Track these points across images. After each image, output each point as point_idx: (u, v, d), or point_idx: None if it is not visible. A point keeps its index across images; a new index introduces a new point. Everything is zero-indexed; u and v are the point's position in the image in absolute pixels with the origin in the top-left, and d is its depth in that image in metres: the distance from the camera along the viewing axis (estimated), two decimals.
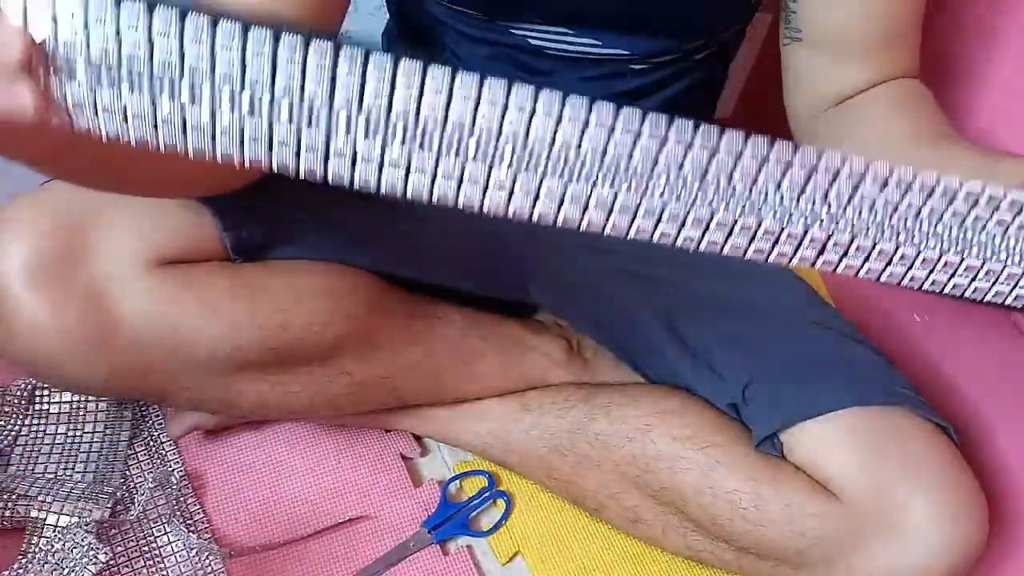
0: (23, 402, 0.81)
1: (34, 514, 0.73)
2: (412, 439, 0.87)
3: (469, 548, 0.81)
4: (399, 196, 0.36)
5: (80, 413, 0.82)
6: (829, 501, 0.67)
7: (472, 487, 0.85)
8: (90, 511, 0.74)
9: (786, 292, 0.78)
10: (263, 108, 0.33)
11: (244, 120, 0.34)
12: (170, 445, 0.82)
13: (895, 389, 0.70)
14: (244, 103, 0.33)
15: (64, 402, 0.82)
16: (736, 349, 0.74)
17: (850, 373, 0.71)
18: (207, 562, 0.76)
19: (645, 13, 0.70)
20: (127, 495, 0.79)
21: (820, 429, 0.68)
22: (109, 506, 0.75)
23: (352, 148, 0.34)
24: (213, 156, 0.34)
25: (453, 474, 0.86)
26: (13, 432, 0.80)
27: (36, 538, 0.73)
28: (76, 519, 0.73)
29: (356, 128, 0.34)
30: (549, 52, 0.72)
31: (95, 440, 0.81)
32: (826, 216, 0.37)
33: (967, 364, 0.79)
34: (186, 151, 0.34)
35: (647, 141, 0.36)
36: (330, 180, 0.35)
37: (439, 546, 0.80)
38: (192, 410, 0.80)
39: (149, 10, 0.32)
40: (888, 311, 0.90)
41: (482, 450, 0.84)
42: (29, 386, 0.82)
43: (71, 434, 0.81)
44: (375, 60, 0.33)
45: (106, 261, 0.62)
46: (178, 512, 0.79)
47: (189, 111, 0.34)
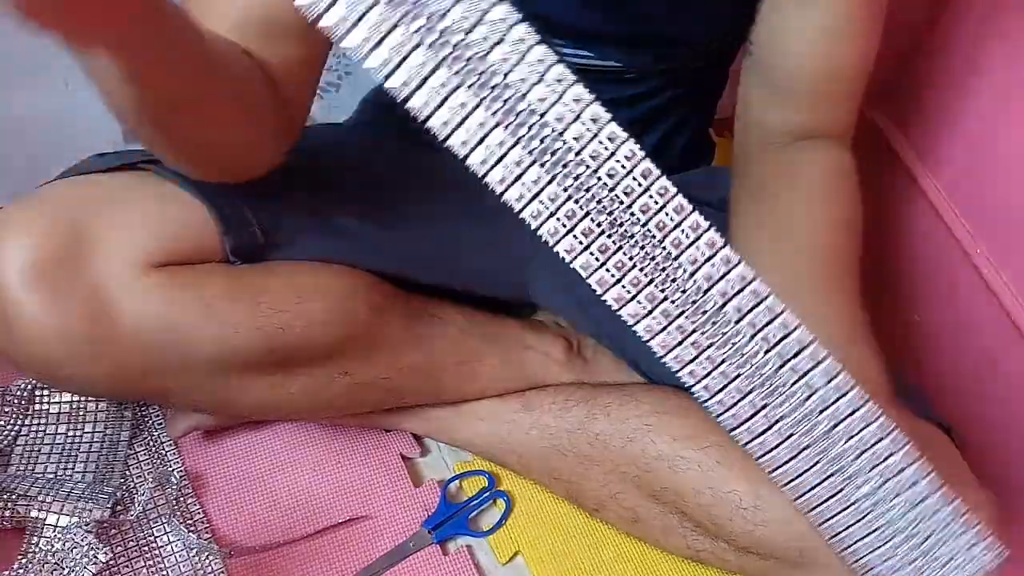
0: (23, 402, 0.81)
1: (34, 514, 0.73)
2: (412, 439, 0.87)
3: (469, 548, 0.81)
4: None
5: (80, 413, 0.82)
6: None
7: (472, 487, 0.85)
8: (90, 511, 0.74)
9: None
10: None
11: None
12: (170, 445, 0.82)
13: (896, 389, 0.70)
14: None
15: (64, 402, 0.82)
16: None
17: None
18: (207, 562, 0.76)
19: (638, 33, 0.70)
20: (127, 495, 0.79)
21: None
22: (109, 506, 0.75)
23: None
24: None
25: (453, 474, 0.86)
26: (13, 432, 0.80)
27: (36, 538, 0.73)
28: (76, 519, 0.73)
29: None
30: None
31: (95, 440, 0.81)
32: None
33: (967, 364, 0.79)
34: None
35: None
36: None
37: (439, 546, 0.80)
38: (192, 411, 0.80)
39: None
40: (888, 311, 0.90)
41: (482, 450, 0.84)
42: (29, 386, 0.82)
43: (71, 434, 0.81)
44: None
45: (106, 262, 0.62)
46: (178, 512, 0.79)
47: None
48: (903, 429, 0.51)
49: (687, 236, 0.37)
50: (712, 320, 0.37)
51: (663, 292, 0.37)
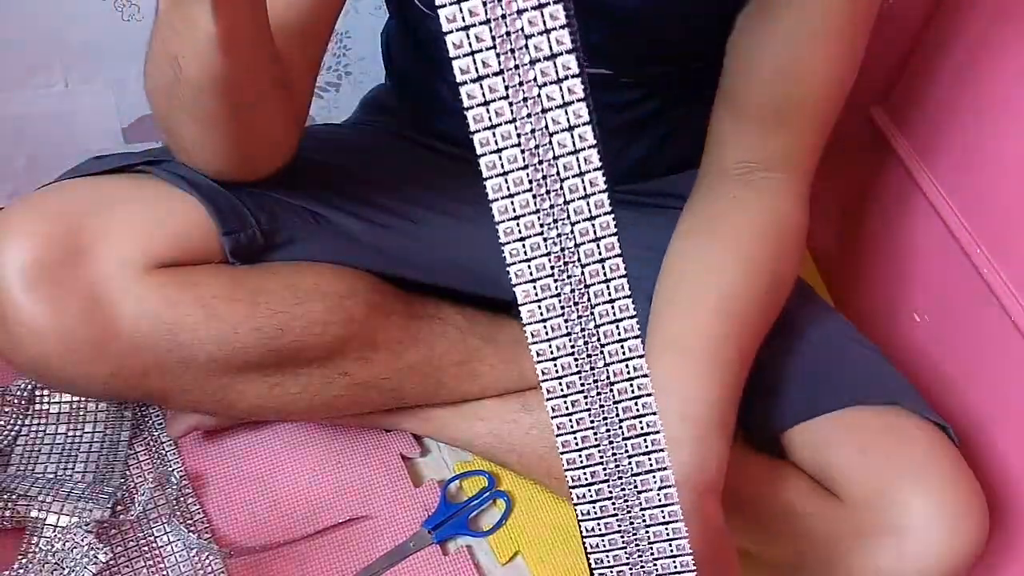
0: (23, 402, 0.81)
1: (34, 514, 0.73)
2: (412, 439, 0.87)
3: (469, 548, 0.81)
4: None
5: (80, 413, 0.82)
6: (829, 501, 0.67)
7: (472, 487, 0.85)
8: (90, 511, 0.74)
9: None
10: None
11: None
12: (170, 445, 0.82)
13: (895, 389, 0.70)
14: None
15: (64, 402, 0.82)
16: None
17: (850, 373, 0.71)
18: (207, 562, 0.76)
19: (629, 43, 0.70)
20: (127, 495, 0.79)
21: (820, 429, 0.68)
22: (109, 506, 0.75)
23: None
24: None
25: (453, 474, 0.86)
26: (13, 432, 0.80)
27: (36, 538, 0.73)
28: (76, 519, 0.73)
29: None
30: None
31: (95, 440, 0.81)
32: None
33: (967, 364, 0.79)
34: None
35: None
36: None
37: (439, 546, 0.80)
38: (192, 411, 0.80)
39: None
40: (888, 311, 0.90)
41: (482, 450, 0.84)
42: (29, 386, 0.82)
43: (71, 434, 0.81)
44: None
45: (105, 263, 0.62)
46: (178, 512, 0.79)
47: None
48: (704, 533, 0.53)
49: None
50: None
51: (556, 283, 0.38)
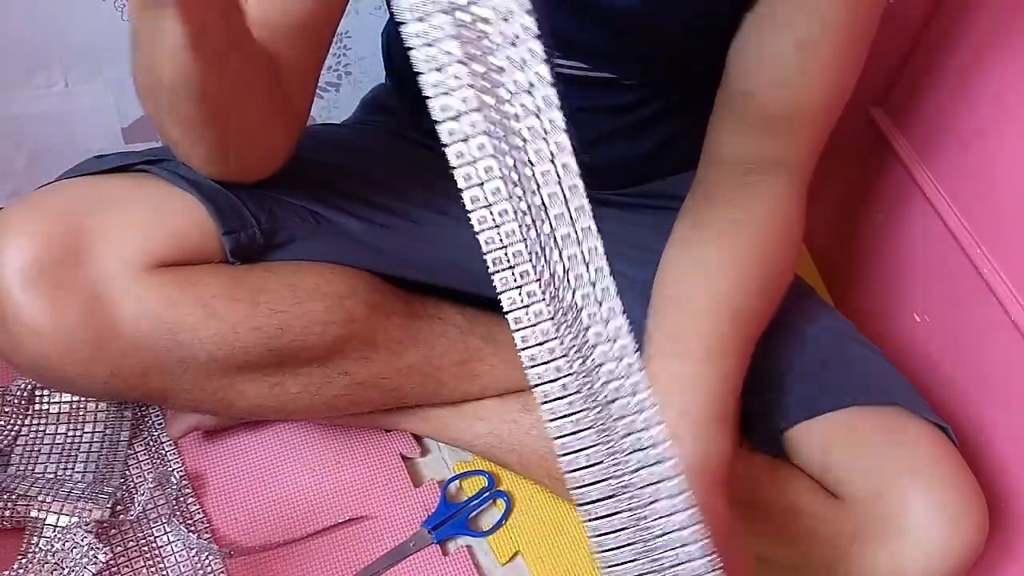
0: (23, 402, 0.81)
1: (34, 514, 0.73)
2: (412, 439, 0.87)
3: (469, 548, 0.81)
4: None
5: (80, 413, 0.82)
6: (830, 501, 0.67)
7: (472, 487, 0.85)
8: (90, 511, 0.74)
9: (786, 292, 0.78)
10: None
11: None
12: (170, 445, 0.82)
13: (895, 389, 0.70)
14: None
15: (64, 402, 0.82)
16: None
17: (850, 373, 0.71)
18: (207, 562, 0.76)
19: (630, 47, 0.70)
20: (127, 495, 0.79)
21: (821, 430, 0.68)
22: (109, 506, 0.75)
23: None
24: None
25: (453, 474, 0.86)
26: (13, 432, 0.80)
27: (36, 538, 0.73)
28: (76, 519, 0.73)
29: None
30: None
31: (95, 440, 0.81)
32: None
33: (967, 364, 0.79)
34: None
35: None
36: None
37: (439, 546, 0.80)
38: (191, 411, 0.80)
39: None
40: (888, 311, 0.90)
41: (482, 450, 0.84)
42: (29, 386, 0.82)
43: (71, 434, 0.81)
44: None
45: (105, 263, 0.62)
46: (178, 512, 0.79)
47: None
48: (715, 521, 0.51)
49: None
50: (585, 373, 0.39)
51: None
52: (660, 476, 0.39)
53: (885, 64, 0.89)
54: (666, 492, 0.39)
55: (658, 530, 0.40)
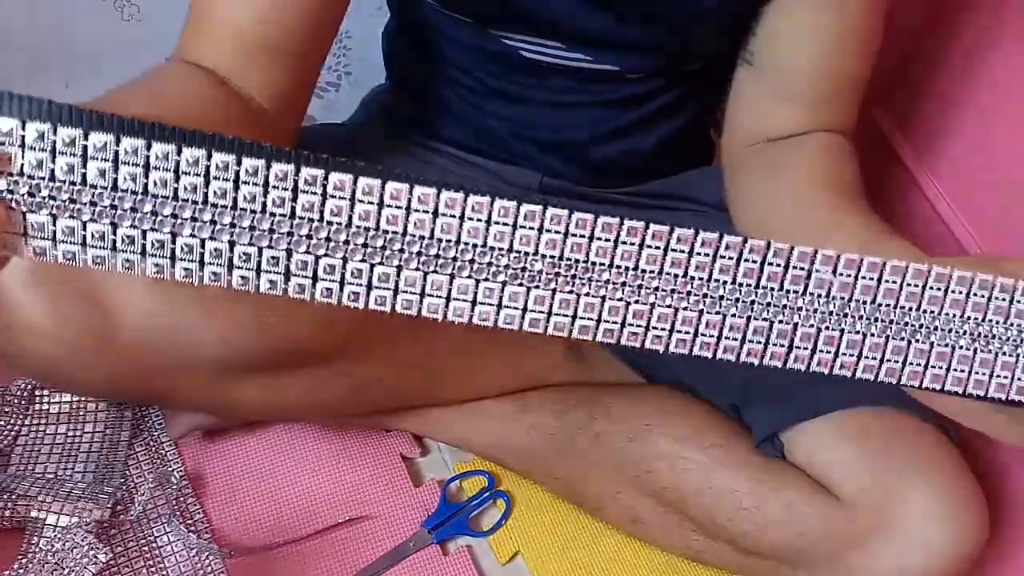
0: (23, 402, 0.81)
1: (34, 514, 0.73)
2: (412, 439, 0.87)
3: (469, 548, 0.81)
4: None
5: (80, 413, 0.82)
6: (829, 501, 0.67)
7: (472, 487, 0.85)
8: (90, 511, 0.74)
9: None
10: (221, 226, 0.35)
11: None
12: (170, 445, 0.82)
13: (895, 389, 0.69)
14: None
15: (64, 402, 0.82)
16: None
17: None
18: (207, 562, 0.76)
19: (634, 39, 0.70)
20: (127, 495, 0.79)
21: (820, 430, 0.68)
22: (109, 506, 0.75)
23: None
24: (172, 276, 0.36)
25: (453, 474, 0.86)
26: (13, 432, 0.80)
27: (36, 538, 0.73)
28: (76, 519, 0.73)
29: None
30: (541, 64, 0.72)
31: (95, 440, 0.81)
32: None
33: None
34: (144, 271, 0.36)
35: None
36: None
37: (439, 546, 0.80)
38: (192, 411, 0.80)
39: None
40: None
41: (482, 450, 0.84)
42: (29, 386, 0.82)
43: (71, 434, 0.81)
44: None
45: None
46: (178, 512, 0.79)
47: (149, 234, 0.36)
48: None
49: None
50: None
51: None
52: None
53: (887, 65, 0.89)
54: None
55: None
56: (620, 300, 0.37)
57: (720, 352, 0.38)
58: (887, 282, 0.37)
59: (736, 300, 0.38)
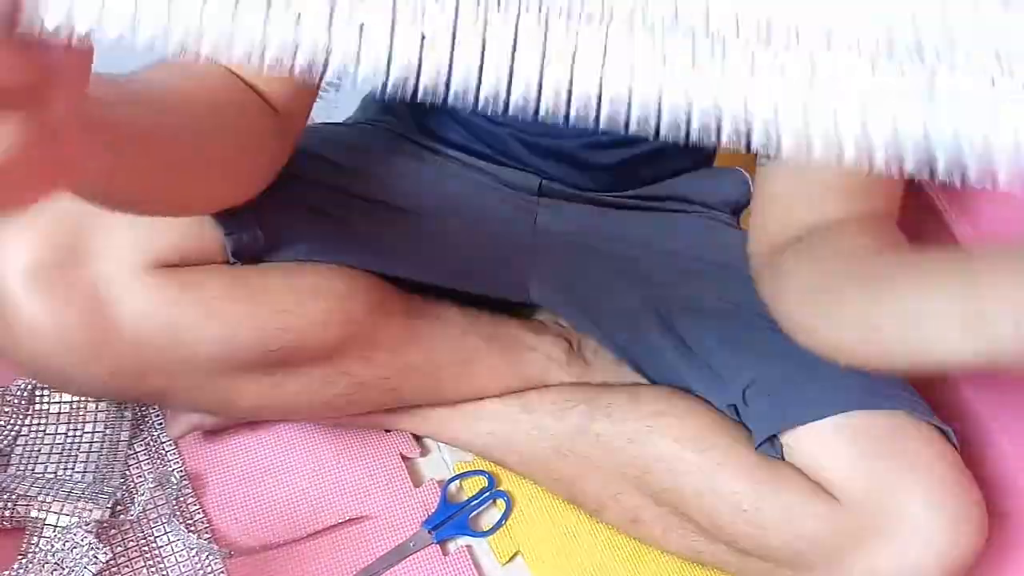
0: (23, 402, 0.81)
1: (34, 514, 0.73)
2: (412, 439, 0.87)
3: (469, 548, 0.81)
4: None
5: (80, 413, 0.82)
6: (829, 503, 0.67)
7: (472, 487, 0.85)
8: (90, 511, 0.74)
9: None
10: None
11: None
12: (170, 445, 0.82)
13: (894, 391, 0.70)
14: None
15: (64, 402, 0.82)
16: (736, 350, 0.74)
17: (850, 375, 0.71)
18: (207, 562, 0.76)
19: None
20: (127, 495, 0.79)
21: (820, 431, 0.68)
22: (109, 506, 0.75)
23: None
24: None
25: (453, 474, 0.86)
26: (13, 432, 0.80)
27: (36, 538, 0.73)
28: (76, 519, 0.73)
29: None
30: None
31: (95, 440, 0.81)
32: None
33: None
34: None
35: None
36: None
37: (439, 546, 0.80)
38: (192, 411, 0.80)
39: None
40: None
41: (482, 450, 0.84)
42: (29, 386, 0.82)
43: (71, 434, 0.81)
44: None
45: (106, 263, 0.62)
46: (178, 512, 0.79)
47: None
48: None
49: None
50: None
51: None
52: None
53: None
54: None
55: None
56: None
57: None
58: None
59: None
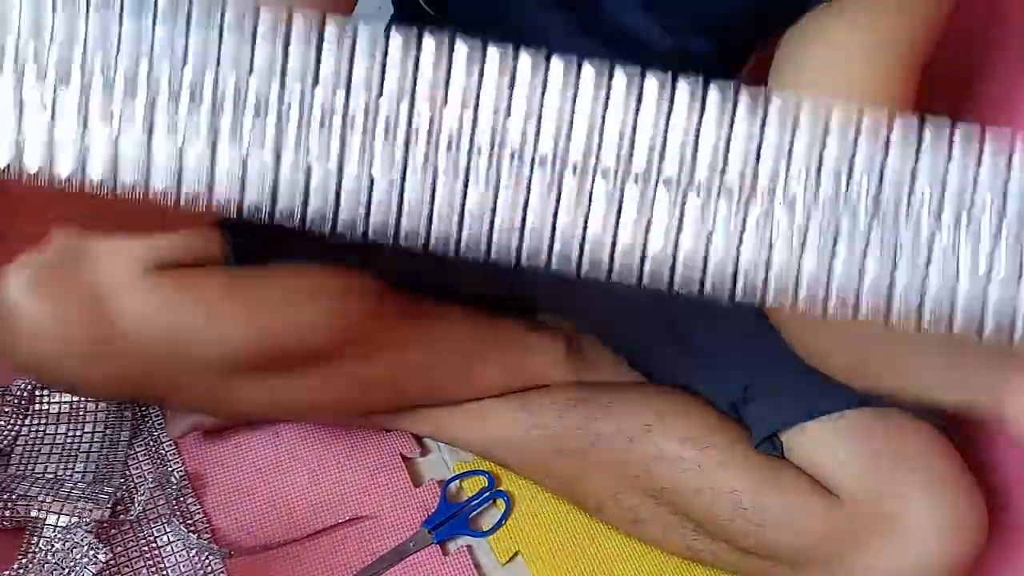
0: (23, 402, 0.81)
1: (34, 514, 0.73)
2: (412, 439, 0.87)
3: (469, 548, 0.81)
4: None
5: (80, 413, 0.82)
6: (829, 501, 0.67)
7: (472, 487, 0.85)
8: (90, 511, 0.74)
9: None
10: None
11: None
12: (170, 445, 0.82)
13: None
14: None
15: (64, 402, 0.82)
16: (737, 349, 0.74)
17: None
18: (207, 562, 0.76)
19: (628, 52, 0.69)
20: (127, 495, 0.79)
21: (820, 430, 0.68)
22: (109, 506, 0.75)
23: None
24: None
25: (453, 474, 0.86)
26: (13, 432, 0.80)
27: (36, 538, 0.73)
28: (76, 519, 0.73)
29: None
30: None
31: (95, 440, 0.81)
32: None
33: None
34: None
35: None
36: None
37: (439, 546, 0.80)
38: (191, 411, 0.80)
39: None
40: None
41: (482, 450, 0.84)
42: (29, 386, 0.82)
43: (71, 434, 0.81)
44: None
45: (107, 265, 0.62)
46: (178, 512, 0.79)
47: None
48: None
49: None
50: None
51: None
52: None
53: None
54: None
55: None
56: None
57: None
58: None
59: None
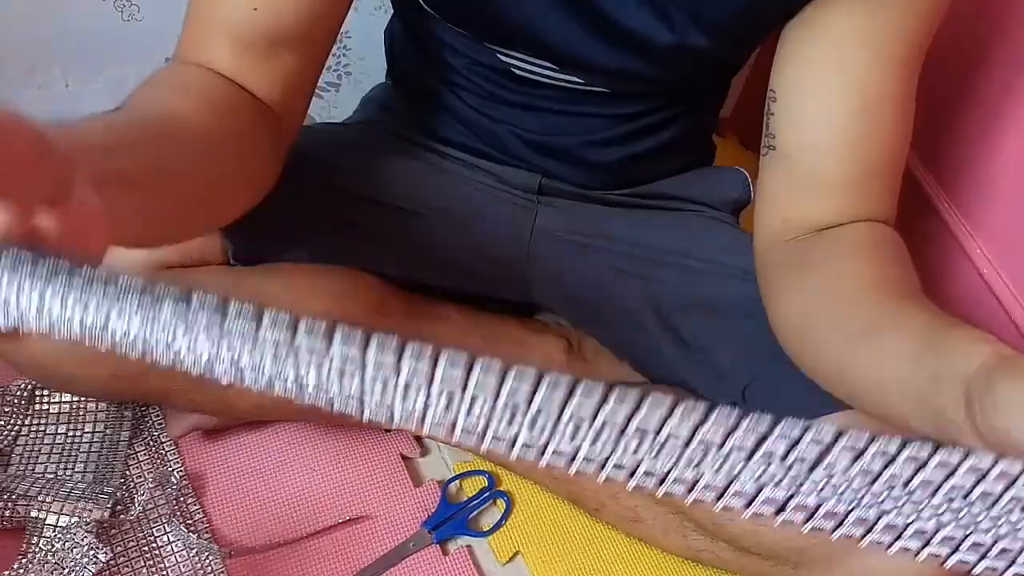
0: (23, 402, 0.81)
1: (34, 514, 0.73)
2: (412, 439, 0.87)
3: (469, 548, 0.81)
4: None
5: (80, 413, 0.82)
6: None
7: (472, 487, 0.85)
8: (90, 511, 0.74)
9: None
10: None
11: None
12: (170, 445, 0.82)
13: None
14: None
15: (64, 402, 0.82)
16: (736, 349, 0.74)
17: None
18: (207, 562, 0.76)
19: (626, 68, 0.69)
20: (127, 495, 0.79)
21: None
22: (109, 506, 0.75)
23: None
24: None
25: (453, 474, 0.86)
26: (13, 432, 0.80)
27: (36, 538, 0.73)
28: (76, 519, 0.73)
29: None
30: (534, 81, 0.72)
31: (95, 440, 0.81)
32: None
33: None
34: None
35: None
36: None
37: (439, 546, 0.80)
38: (191, 411, 0.80)
39: None
40: None
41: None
42: (29, 386, 0.82)
43: (71, 434, 0.81)
44: None
45: (106, 265, 0.62)
46: (178, 512, 0.79)
47: None
48: None
49: None
50: None
51: None
52: None
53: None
54: None
55: None
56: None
57: None
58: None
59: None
